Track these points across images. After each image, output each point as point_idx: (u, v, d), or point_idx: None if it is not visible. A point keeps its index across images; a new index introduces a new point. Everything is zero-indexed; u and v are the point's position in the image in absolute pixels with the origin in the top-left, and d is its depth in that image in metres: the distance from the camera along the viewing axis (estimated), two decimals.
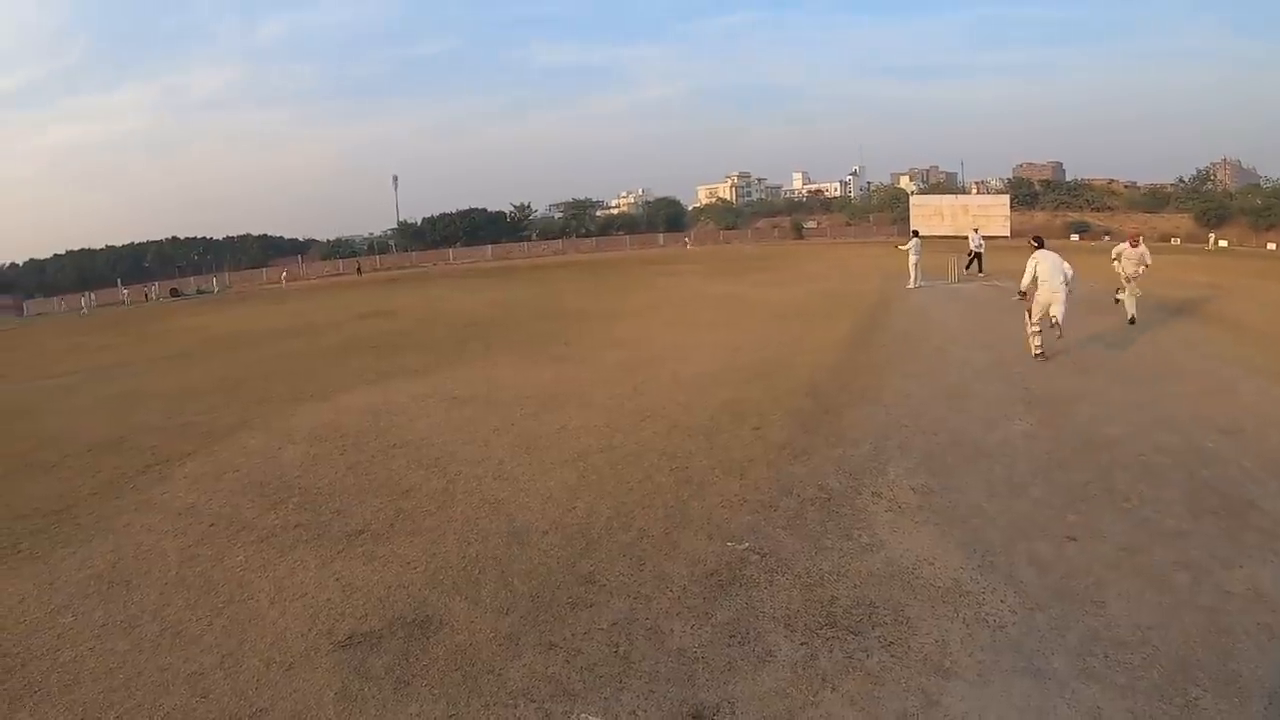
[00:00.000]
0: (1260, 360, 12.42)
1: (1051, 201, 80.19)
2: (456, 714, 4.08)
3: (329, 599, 5.53)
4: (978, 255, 29.36)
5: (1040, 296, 12.61)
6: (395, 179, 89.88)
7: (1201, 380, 11.04)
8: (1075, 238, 68.45)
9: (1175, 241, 64.48)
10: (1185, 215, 71.31)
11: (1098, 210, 77.22)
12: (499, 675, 4.41)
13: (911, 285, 25.63)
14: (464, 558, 6.05)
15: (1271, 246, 58.46)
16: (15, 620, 5.55)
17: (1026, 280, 12.85)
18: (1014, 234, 65.65)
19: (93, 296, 63.40)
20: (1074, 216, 74.83)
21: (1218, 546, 5.73)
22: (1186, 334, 15.35)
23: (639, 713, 4.00)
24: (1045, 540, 5.95)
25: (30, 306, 62.14)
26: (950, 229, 69.26)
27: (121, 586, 6.01)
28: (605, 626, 4.86)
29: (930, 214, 73.56)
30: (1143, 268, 16.49)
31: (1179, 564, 5.49)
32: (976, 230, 32.01)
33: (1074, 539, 5.98)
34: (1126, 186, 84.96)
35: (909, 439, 8.57)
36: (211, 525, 7.17)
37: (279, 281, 71.42)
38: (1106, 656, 4.42)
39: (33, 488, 8.77)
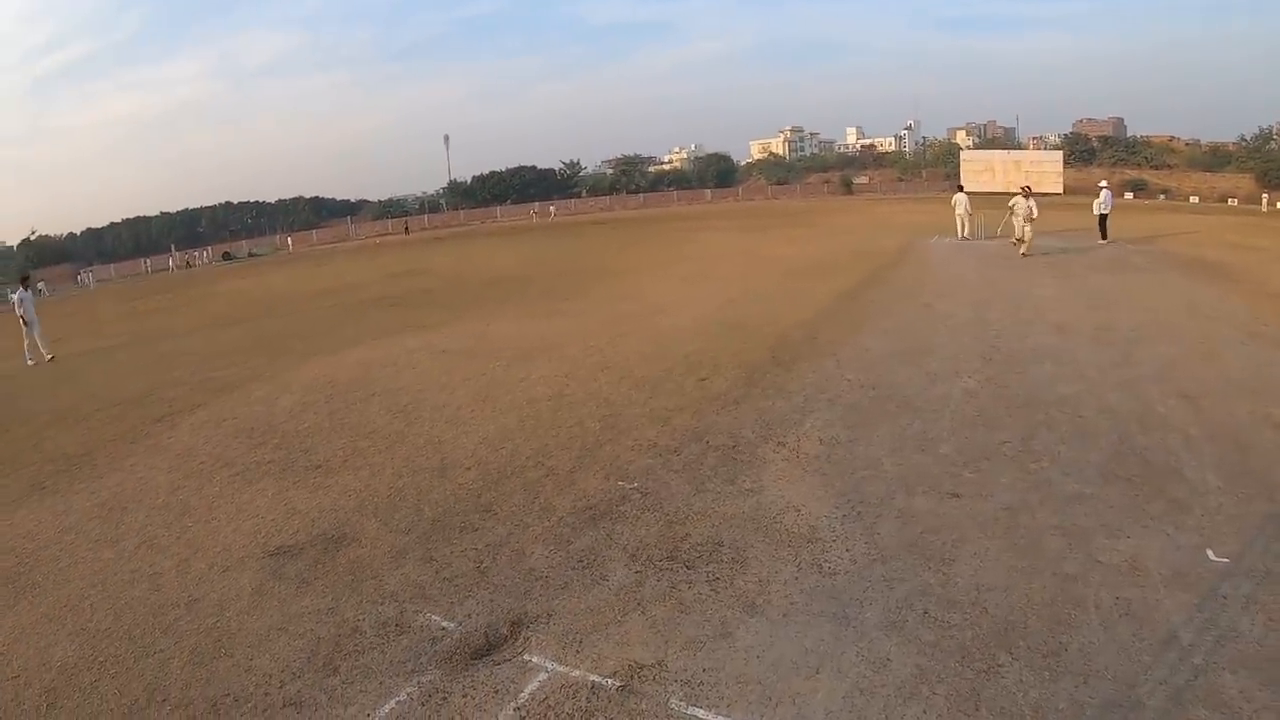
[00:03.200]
0: (1264, 326, 11.93)
1: (1109, 158, 77.80)
2: (335, 607, 5.01)
3: (273, 519, 6.53)
4: (1103, 218, 25.73)
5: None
6: (447, 138, 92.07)
7: (1189, 343, 10.75)
8: (1129, 195, 66.82)
9: (1232, 202, 62.39)
10: (1246, 175, 68.84)
11: (1156, 168, 74.88)
12: (379, 580, 5.31)
13: (959, 239, 26.26)
14: (392, 488, 6.96)
15: None
16: (30, 538, 6.73)
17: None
18: (1067, 190, 64.37)
19: (154, 261, 66.69)
20: (1132, 174, 72.86)
21: (1112, 515, 5.62)
22: (1198, 296, 14.91)
23: (473, 616, 4.76)
24: (927, 496, 6.06)
25: (88, 275, 64.42)
26: (1001, 185, 67.89)
27: (119, 512, 7.13)
28: (480, 547, 5.65)
29: (981, 169, 71.54)
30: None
31: (1058, 529, 5.42)
32: (1104, 186, 27.61)
33: (958, 495, 6.04)
34: (1187, 144, 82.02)
35: (844, 393, 8.93)
36: (201, 463, 8.24)
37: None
38: (925, 613, 4.48)
39: (65, 437, 10.02)
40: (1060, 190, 69.24)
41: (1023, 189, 23.78)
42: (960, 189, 28.94)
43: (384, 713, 3.95)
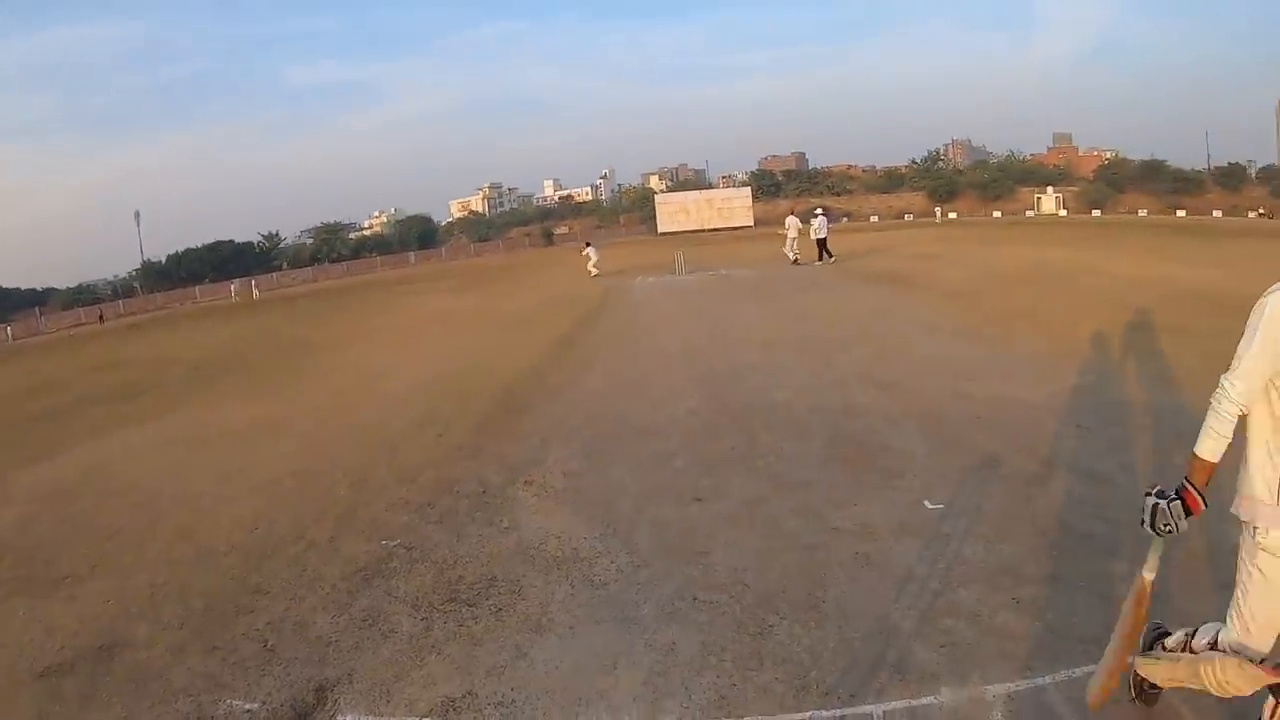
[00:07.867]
0: (943, 320, 14.71)
1: (794, 190, 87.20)
2: (129, 716, 4.80)
3: (32, 639, 5.89)
4: (821, 241, 29.51)
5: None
6: (137, 215, 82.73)
7: (881, 342, 12.94)
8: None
9: (908, 217, 73.82)
10: (919, 193, 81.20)
11: (838, 195, 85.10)
12: (165, 679, 5.12)
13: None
14: (152, 585, 6.54)
15: (997, 214, 70.19)
16: None
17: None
18: (757, 223, 71.31)
19: None
20: (815, 202, 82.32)
21: (838, 490, 6.63)
22: (886, 302, 18.09)
23: (274, 693, 4.77)
24: (672, 505, 6.76)
25: None
26: (695, 224, 73.61)
27: None
28: (260, 626, 5.63)
29: (675, 210, 77.19)
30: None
31: (794, 510, 6.29)
32: (819, 213, 31.68)
33: (700, 499, 6.78)
34: (864, 170, 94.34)
35: (577, 429, 9.66)
36: None
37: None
38: (695, 599, 5.06)
39: None
40: (751, 223, 76.29)
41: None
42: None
43: None
